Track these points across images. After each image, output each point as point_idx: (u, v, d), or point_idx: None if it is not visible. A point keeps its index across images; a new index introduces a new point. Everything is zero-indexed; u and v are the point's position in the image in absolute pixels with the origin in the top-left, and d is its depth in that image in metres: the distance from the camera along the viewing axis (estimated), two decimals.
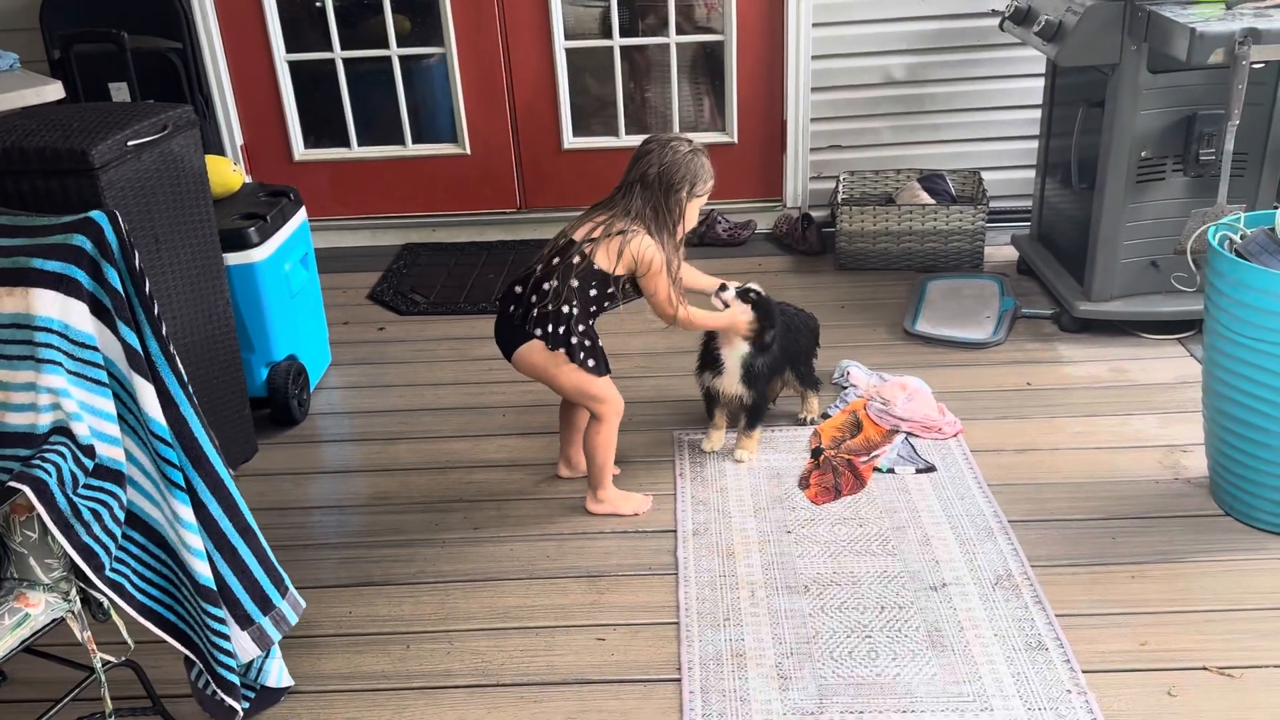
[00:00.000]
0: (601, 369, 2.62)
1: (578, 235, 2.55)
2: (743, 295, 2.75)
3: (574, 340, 2.54)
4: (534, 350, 2.55)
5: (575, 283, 2.50)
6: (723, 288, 2.75)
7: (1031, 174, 3.97)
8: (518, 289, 2.59)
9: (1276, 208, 2.47)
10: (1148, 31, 2.97)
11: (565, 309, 2.51)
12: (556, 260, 2.54)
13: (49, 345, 1.69)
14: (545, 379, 2.62)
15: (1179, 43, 2.77)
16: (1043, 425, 3.00)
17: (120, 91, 3.97)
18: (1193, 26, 2.72)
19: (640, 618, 2.36)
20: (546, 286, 2.53)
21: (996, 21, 3.71)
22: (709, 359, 2.87)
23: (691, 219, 2.63)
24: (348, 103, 4.42)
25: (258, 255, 3.00)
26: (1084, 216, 3.41)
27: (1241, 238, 2.44)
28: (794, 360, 2.97)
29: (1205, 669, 2.13)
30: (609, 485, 2.73)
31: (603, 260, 2.51)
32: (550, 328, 2.52)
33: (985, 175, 4.16)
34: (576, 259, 2.51)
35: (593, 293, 2.53)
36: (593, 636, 2.32)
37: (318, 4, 4.33)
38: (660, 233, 2.55)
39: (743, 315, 2.75)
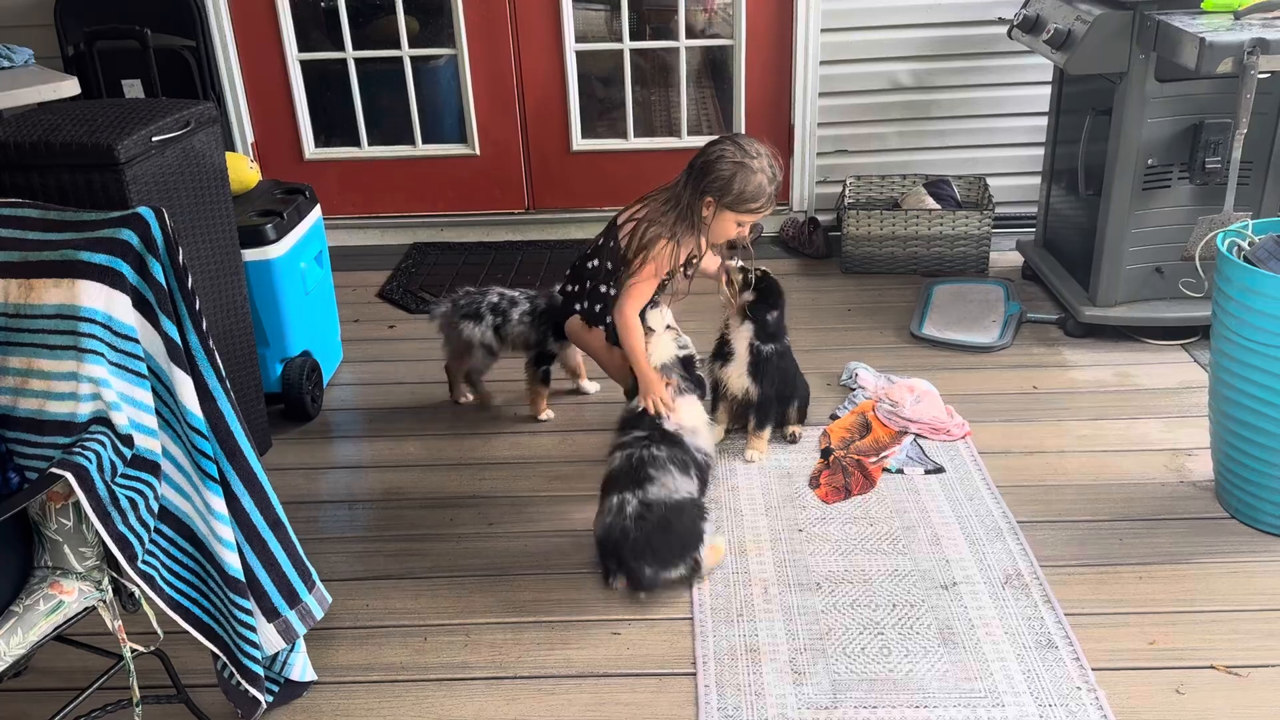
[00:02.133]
0: None
1: (621, 218, 2.59)
2: (749, 277, 2.80)
3: (609, 319, 2.58)
4: (574, 325, 2.67)
5: (609, 265, 2.55)
6: (730, 257, 2.75)
7: (1037, 180, 4.01)
8: (574, 266, 2.67)
9: None
10: (1156, 41, 3.01)
11: (603, 288, 2.57)
12: (602, 241, 2.59)
13: (92, 336, 1.72)
14: (588, 353, 2.73)
15: (1188, 52, 2.81)
16: (1049, 428, 3.04)
17: (133, 88, 4.00)
18: (1202, 36, 2.76)
19: (655, 613, 2.39)
20: (590, 266, 2.59)
21: (1003, 29, 3.75)
22: (720, 347, 2.90)
23: (719, 231, 2.55)
24: (358, 102, 4.45)
25: (274, 252, 3.03)
26: (1089, 223, 3.45)
27: (1250, 244, 2.48)
28: (792, 399, 2.99)
29: (1213, 668, 2.17)
30: None
31: (633, 254, 2.55)
32: (587, 304, 2.59)
33: (991, 181, 4.20)
34: (611, 242, 2.56)
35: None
36: (608, 631, 2.34)
37: (323, 4, 4.37)
38: (680, 225, 2.51)
39: (660, 391, 2.56)
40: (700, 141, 2.70)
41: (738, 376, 2.87)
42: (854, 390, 3.24)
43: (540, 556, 2.60)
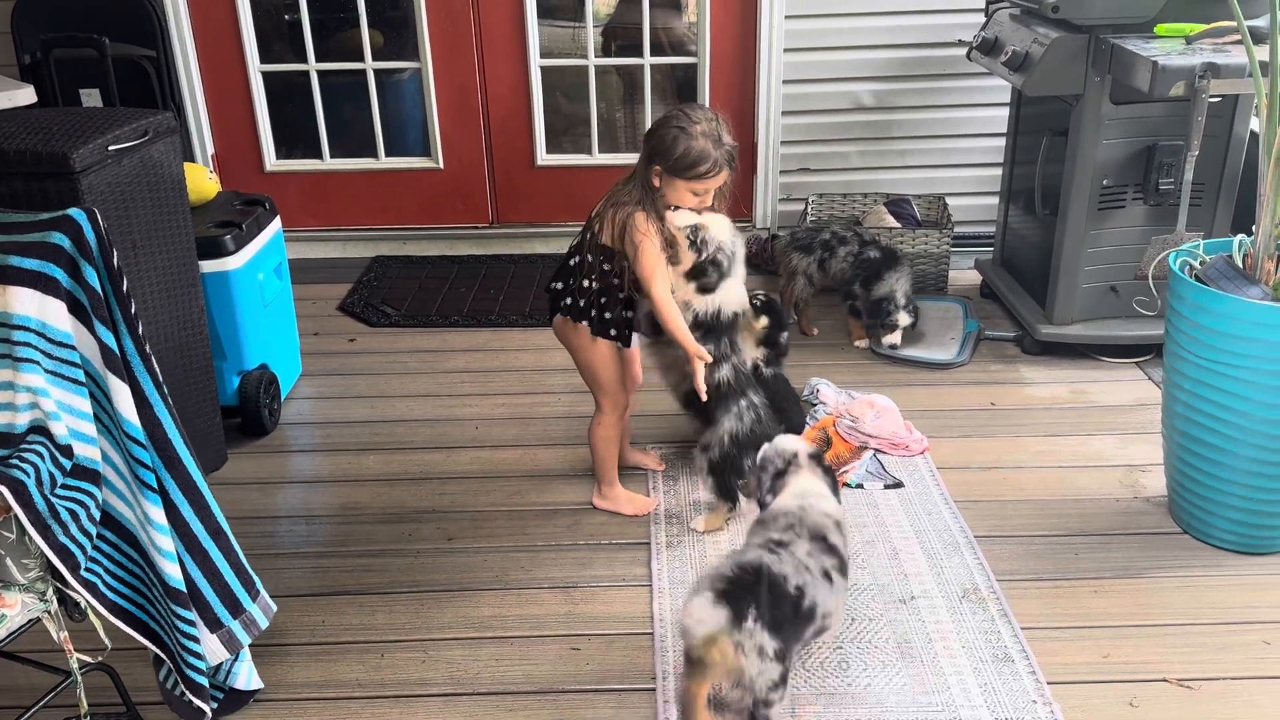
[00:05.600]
0: (626, 341, 2.66)
1: (596, 209, 2.57)
2: (755, 302, 2.82)
3: (594, 313, 2.58)
4: (559, 323, 2.64)
5: (590, 258, 2.54)
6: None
7: (995, 200, 4.06)
8: (559, 265, 2.65)
9: (1233, 235, 2.56)
10: (1111, 64, 3.07)
11: (587, 283, 2.55)
12: (580, 238, 2.60)
13: (27, 344, 1.69)
14: (569, 351, 2.69)
15: (1141, 75, 2.87)
16: (1006, 444, 3.07)
17: (91, 97, 3.95)
18: (1154, 60, 2.81)
19: (615, 628, 2.38)
20: (571, 263, 2.59)
21: (963, 51, 3.81)
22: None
23: (673, 197, 2.48)
24: (321, 114, 4.42)
25: (233, 263, 3.00)
26: (1046, 242, 3.50)
27: (1201, 264, 2.53)
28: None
29: (1165, 681, 2.19)
30: (614, 482, 2.78)
31: (606, 235, 2.53)
32: (571, 301, 2.58)
33: (950, 201, 4.25)
34: (589, 235, 2.55)
35: (606, 268, 2.55)
36: (567, 646, 2.33)
37: (287, 17, 4.35)
38: (645, 198, 2.47)
39: (703, 355, 2.54)
40: (712, 119, 2.55)
41: None
42: (815, 406, 3.26)
43: (500, 572, 2.58)
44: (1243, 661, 2.24)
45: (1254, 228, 2.47)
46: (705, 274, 2.55)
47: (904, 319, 3.55)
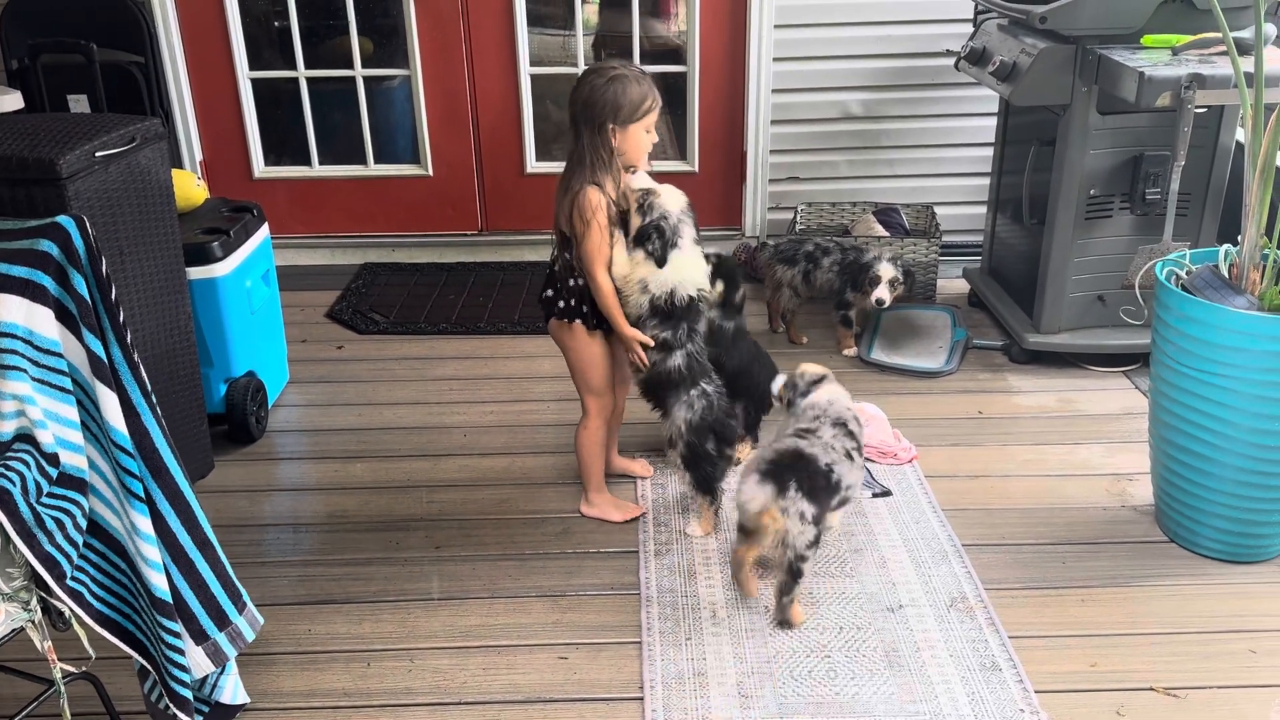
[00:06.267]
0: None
1: (557, 205, 2.57)
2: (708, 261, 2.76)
3: (586, 309, 2.59)
4: (554, 326, 2.65)
5: (569, 255, 2.56)
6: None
7: (983, 209, 4.08)
8: (547, 275, 2.66)
9: (1219, 245, 2.58)
10: (1098, 74, 3.09)
11: (573, 282, 2.57)
12: (557, 243, 2.60)
13: (13, 352, 1.68)
14: (564, 353, 2.70)
15: (1128, 86, 2.88)
16: (994, 453, 3.08)
17: (79, 103, 3.94)
18: (1141, 70, 2.83)
19: (602, 637, 2.38)
20: (556, 268, 2.60)
21: (951, 61, 3.82)
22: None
23: (634, 146, 2.51)
24: (310, 121, 4.42)
25: (220, 270, 2.99)
26: (1034, 252, 3.52)
27: (1187, 273, 2.54)
28: (747, 395, 2.97)
29: (1152, 689, 2.20)
30: (601, 488, 2.78)
31: (569, 227, 2.54)
32: (564, 304, 2.59)
33: (938, 210, 4.26)
34: (560, 234, 2.57)
35: None
36: (555, 655, 2.32)
37: (276, 24, 4.34)
38: (598, 170, 2.48)
39: (639, 338, 2.58)
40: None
41: None
42: None
43: (487, 580, 2.57)
44: (1229, 670, 2.25)
45: (1239, 238, 2.48)
46: (649, 239, 2.53)
47: (888, 270, 3.50)
